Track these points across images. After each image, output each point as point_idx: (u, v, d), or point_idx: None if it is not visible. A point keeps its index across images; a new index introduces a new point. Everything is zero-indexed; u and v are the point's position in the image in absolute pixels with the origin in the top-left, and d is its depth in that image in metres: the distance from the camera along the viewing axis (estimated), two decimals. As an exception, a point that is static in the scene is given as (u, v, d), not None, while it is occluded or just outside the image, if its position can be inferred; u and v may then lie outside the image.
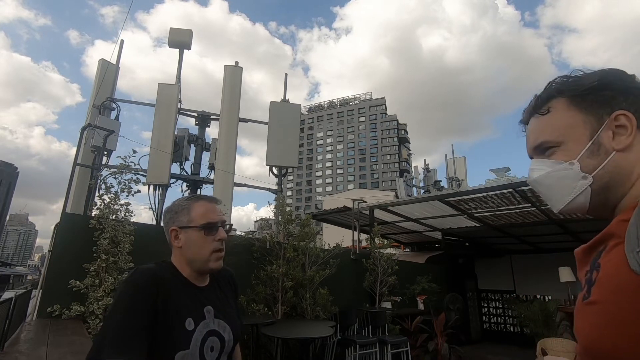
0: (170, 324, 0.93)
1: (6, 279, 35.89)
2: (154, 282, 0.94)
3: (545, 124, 0.65)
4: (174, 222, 1.05)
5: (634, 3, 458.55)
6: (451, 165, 10.45)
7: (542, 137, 0.64)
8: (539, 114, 0.66)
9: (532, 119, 0.68)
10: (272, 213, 5.41)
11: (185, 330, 0.94)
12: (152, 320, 0.89)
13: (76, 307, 3.06)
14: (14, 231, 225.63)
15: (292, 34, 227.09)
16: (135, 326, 0.87)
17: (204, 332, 0.98)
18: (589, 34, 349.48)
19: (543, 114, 0.65)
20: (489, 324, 9.37)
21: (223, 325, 1.04)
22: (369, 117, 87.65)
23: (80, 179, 5.44)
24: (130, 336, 0.85)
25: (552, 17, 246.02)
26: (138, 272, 0.96)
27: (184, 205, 1.06)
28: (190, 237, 1.03)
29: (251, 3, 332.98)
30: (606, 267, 0.51)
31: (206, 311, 1.02)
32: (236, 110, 7.04)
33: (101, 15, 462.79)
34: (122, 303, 0.91)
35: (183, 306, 0.97)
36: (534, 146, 0.66)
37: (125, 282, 0.96)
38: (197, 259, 1.03)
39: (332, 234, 8.17)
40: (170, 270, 1.03)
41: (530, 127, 0.68)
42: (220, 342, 1.02)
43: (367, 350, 4.78)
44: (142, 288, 0.92)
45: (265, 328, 3.64)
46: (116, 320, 0.87)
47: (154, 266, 1.00)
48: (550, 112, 0.64)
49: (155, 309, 0.91)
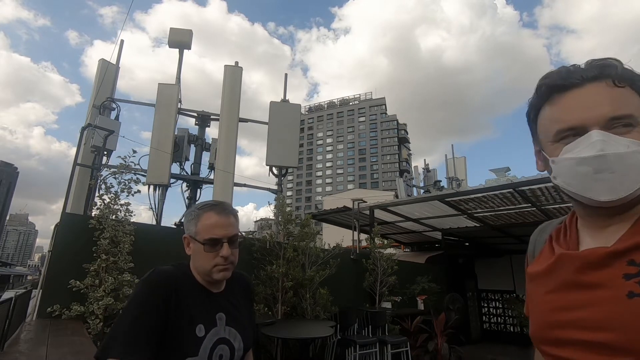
0: (181, 328, 0.92)
1: (6, 279, 35.89)
2: (170, 284, 0.94)
3: (627, 97, 0.58)
4: (186, 229, 1.04)
5: (633, 3, 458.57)
6: (451, 165, 10.46)
7: (628, 110, 0.57)
8: (617, 85, 0.58)
9: (596, 84, 0.59)
10: (272, 213, 5.42)
11: (195, 336, 0.93)
12: (164, 322, 0.89)
13: (76, 307, 3.06)
14: (14, 231, 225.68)
15: (291, 34, 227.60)
16: (146, 327, 0.86)
17: (214, 339, 0.97)
18: (587, 34, 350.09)
19: (621, 86, 0.58)
20: (488, 324, 9.36)
21: (234, 334, 1.02)
22: (369, 117, 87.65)
23: (80, 179, 5.44)
24: (139, 338, 0.85)
25: (550, 17, 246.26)
26: (155, 272, 0.95)
27: (195, 215, 1.03)
28: (196, 248, 1.01)
29: (250, 3, 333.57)
30: None
31: (218, 318, 1.00)
32: (236, 110, 7.04)
33: (100, 16, 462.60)
34: (135, 303, 0.90)
35: (195, 311, 0.96)
36: (612, 116, 0.56)
37: (141, 281, 0.95)
38: (201, 270, 1.02)
39: (332, 234, 8.17)
40: (187, 273, 1.02)
41: (598, 93, 0.58)
42: (230, 351, 1.00)
43: (367, 350, 4.78)
44: (157, 289, 0.92)
45: (265, 328, 3.64)
46: (128, 320, 0.87)
47: (171, 268, 1.00)
48: (626, 89, 0.58)
49: (167, 311, 0.90)
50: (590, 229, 0.65)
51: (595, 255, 0.59)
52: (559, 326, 0.61)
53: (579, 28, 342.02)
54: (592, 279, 0.58)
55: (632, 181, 0.55)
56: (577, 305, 0.59)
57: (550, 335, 0.63)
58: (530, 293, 0.72)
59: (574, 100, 0.60)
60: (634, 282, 0.53)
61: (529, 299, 0.72)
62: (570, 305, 0.60)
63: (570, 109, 0.60)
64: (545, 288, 0.66)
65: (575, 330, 0.58)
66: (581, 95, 0.59)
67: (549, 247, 0.71)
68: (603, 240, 0.61)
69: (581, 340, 0.57)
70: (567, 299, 0.61)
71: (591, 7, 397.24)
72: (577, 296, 0.60)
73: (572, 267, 0.61)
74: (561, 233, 0.71)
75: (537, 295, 0.68)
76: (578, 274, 0.60)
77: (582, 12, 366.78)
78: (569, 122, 0.59)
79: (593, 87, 0.59)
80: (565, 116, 0.60)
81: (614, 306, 0.54)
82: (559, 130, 0.61)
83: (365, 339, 4.81)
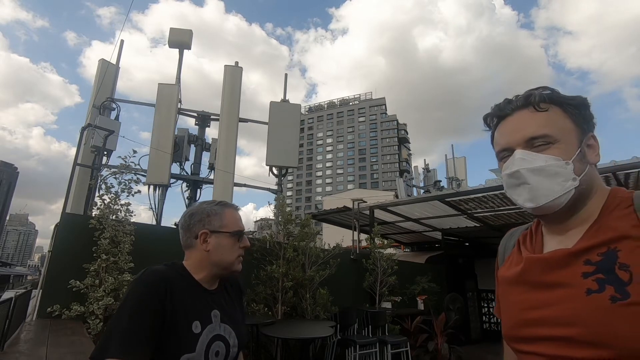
0: (177, 325, 0.92)
1: (6, 279, 35.90)
2: (163, 283, 0.94)
3: (546, 119, 0.67)
4: (205, 225, 1.06)
5: (628, 4, 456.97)
6: (451, 165, 10.45)
7: (543, 130, 0.66)
8: (538, 109, 0.68)
9: (522, 112, 0.70)
10: (272, 213, 5.42)
11: (192, 333, 0.94)
12: (159, 321, 0.89)
13: (76, 307, 3.06)
14: (14, 231, 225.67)
15: (289, 35, 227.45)
16: (141, 327, 0.86)
17: (210, 336, 0.98)
18: (583, 36, 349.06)
19: (543, 110, 0.68)
20: (489, 324, 9.36)
21: (229, 331, 1.04)
22: (369, 117, 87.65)
23: (80, 179, 5.44)
24: (136, 337, 0.85)
25: (546, 19, 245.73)
26: (149, 271, 0.96)
27: (217, 210, 1.09)
28: (220, 242, 1.05)
29: (247, 4, 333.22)
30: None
31: (213, 315, 1.02)
32: (236, 110, 7.04)
33: (98, 16, 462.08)
34: (130, 302, 0.90)
35: (191, 308, 0.97)
36: (530, 137, 0.67)
37: (134, 281, 0.96)
38: (223, 262, 1.06)
39: (332, 234, 8.17)
40: (181, 272, 1.03)
41: (523, 119, 0.69)
42: (225, 348, 1.02)
43: (367, 350, 4.78)
44: (151, 288, 0.92)
45: (265, 328, 3.64)
46: (123, 320, 0.87)
47: (164, 267, 1.00)
48: (549, 112, 0.68)
49: (163, 310, 0.90)
50: (553, 234, 0.71)
51: (556, 257, 0.65)
52: (528, 324, 0.66)
53: (576, 30, 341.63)
54: (555, 278, 0.64)
55: (546, 192, 0.64)
56: (543, 304, 0.64)
57: (521, 333, 0.67)
58: (501, 294, 0.77)
59: (505, 127, 0.72)
60: (591, 280, 0.59)
61: (501, 300, 0.77)
62: (537, 305, 0.65)
63: (503, 133, 0.72)
64: (515, 289, 0.71)
65: (542, 327, 0.63)
66: (511, 122, 0.71)
67: (517, 251, 0.77)
68: (564, 243, 0.67)
69: (548, 336, 0.62)
70: (535, 299, 0.66)
71: (587, 8, 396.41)
72: (543, 295, 0.65)
73: (538, 269, 0.67)
74: (527, 237, 0.78)
75: (509, 296, 0.73)
76: (542, 275, 0.66)
77: (578, 13, 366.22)
78: (502, 144, 0.72)
79: (520, 114, 0.70)
80: (500, 140, 0.72)
81: (575, 303, 0.59)
82: (497, 152, 0.73)
83: (365, 339, 4.81)
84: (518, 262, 0.73)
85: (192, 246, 1.06)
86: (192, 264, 1.06)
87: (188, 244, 1.07)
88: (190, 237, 1.06)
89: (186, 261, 1.07)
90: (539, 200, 0.65)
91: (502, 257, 0.84)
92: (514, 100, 0.72)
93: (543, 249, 0.71)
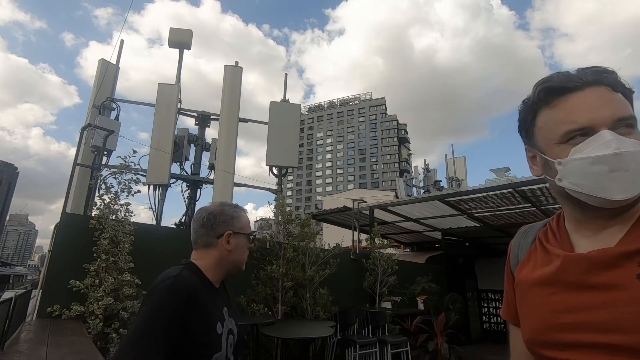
0: (205, 330, 0.97)
1: (6, 279, 35.91)
2: (193, 290, 0.97)
3: (626, 103, 0.60)
4: (229, 226, 1.10)
5: (623, 6, 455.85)
6: (451, 165, 10.45)
7: (629, 112, 0.59)
8: (619, 91, 0.60)
9: (597, 88, 0.60)
10: (272, 213, 5.42)
11: (217, 333, 1.00)
12: (185, 330, 0.91)
13: (76, 307, 3.06)
14: (14, 231, 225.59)
15: (286, 36, 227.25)
16: (167, 337, 0.87)
17: (226, 331, 1.04)
18: (579, 37, 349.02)
19: (617, 92, 0.60)
20: (489, 324, 9.36)
21: (234, 324, 1.10)
22: (369, 117, 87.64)
23: (80, 179, 5.44)
24: (158, 347, 0.86)
25: (541, 20, 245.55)
26: (178, 280, 0.96)
27: (237, 213, 1.15)
28: (239, 242, 1.12)
29: (243, 4, 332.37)
30: None
31: (224, 312, 1.08)
32: (236, 110, 7.04)
33: (95, 17, 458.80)
34: (159, 311, 0.91)
35: (212, 310, 1.02)
36: (620, 117, 0.58)
37: (164, 289, 0.95)
38: (238, 261, 1.13)
39: (332, 234, 8.17)
40: (199, 274, 1.05)
41: (603, 96, 0.60)
42: (233, 339, 1.08)
43: (367, 350, 4.78)
44: (181, 296, 0.93)
45: (265, 328, 3.64)
46: (151, 329, 0.88)
47: (188, 272, 1.01)
48: (620, 95, 0.61)
49: (190, 318, 0.92)
50: (583, 232, 0.64)
51: (604, 257, 0.58)
52: (563, 329, 0.59)
53: (571, 31, 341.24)
54: (603, 279, 0.57)
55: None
56: (584, 307, 0.58)
57: (552, 338, 0.61)
58: (522, 296, 0.70)
59: (578, 102, 0.60)
60: None
61: (522, 303, 0.70)
62: (575, 307, 0.59)
63: (577, 110, 0.60)
64: (544, 290, 0.64)
65: (583, 333, 0.57)
66: (585, 97, 0.60)
67: (542, 249, 0.70)
68: (601, 242, 0.60)
69: (589, 343, 0.56)
70: (573, 301, 0.59)
71: (583, 10, 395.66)
72: (585, 298, 0.58)
73: (579, 269, 0.60)
74: (549, 235, 0.70)
75: (535, 298, 0.66)
76: (586, 276, 0.59)
77: (573, 15, 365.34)
78: (578, 122, 0.59)
79: (594, 91, 0.60)
80: (573, 117, 0.60)
81: (630, 307, 0.53)
82: (568, 131, 0.60)
83: (365, 339, 4.81)
84: (547, 261, 0.66)
85: (213, 245, 1.08)
86: (207, 263, 1.07)
87: (208, 242, 1.09)
88: (212, 236, 1.09)
89: (200, 260, 1.08)
90: (633, 190, 0.55)
91: (516, 257, 0.77)
92: (581, 74, 0.61)
93: (573, 248, 0.64)
